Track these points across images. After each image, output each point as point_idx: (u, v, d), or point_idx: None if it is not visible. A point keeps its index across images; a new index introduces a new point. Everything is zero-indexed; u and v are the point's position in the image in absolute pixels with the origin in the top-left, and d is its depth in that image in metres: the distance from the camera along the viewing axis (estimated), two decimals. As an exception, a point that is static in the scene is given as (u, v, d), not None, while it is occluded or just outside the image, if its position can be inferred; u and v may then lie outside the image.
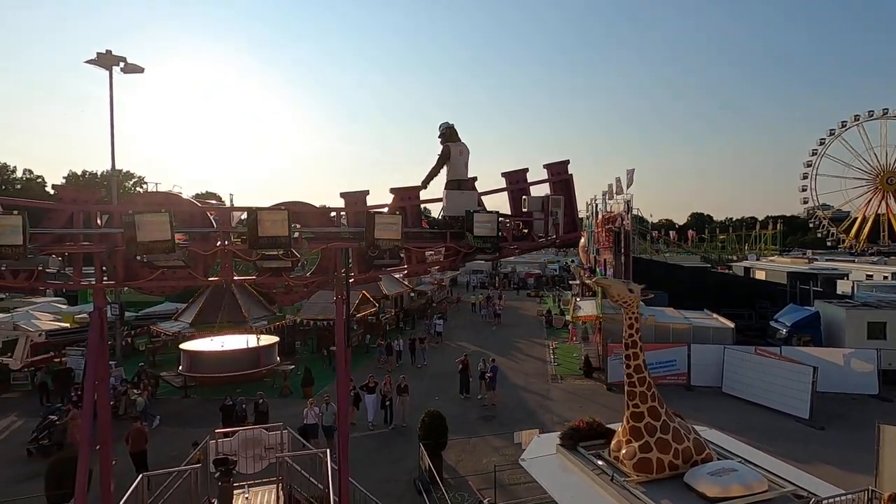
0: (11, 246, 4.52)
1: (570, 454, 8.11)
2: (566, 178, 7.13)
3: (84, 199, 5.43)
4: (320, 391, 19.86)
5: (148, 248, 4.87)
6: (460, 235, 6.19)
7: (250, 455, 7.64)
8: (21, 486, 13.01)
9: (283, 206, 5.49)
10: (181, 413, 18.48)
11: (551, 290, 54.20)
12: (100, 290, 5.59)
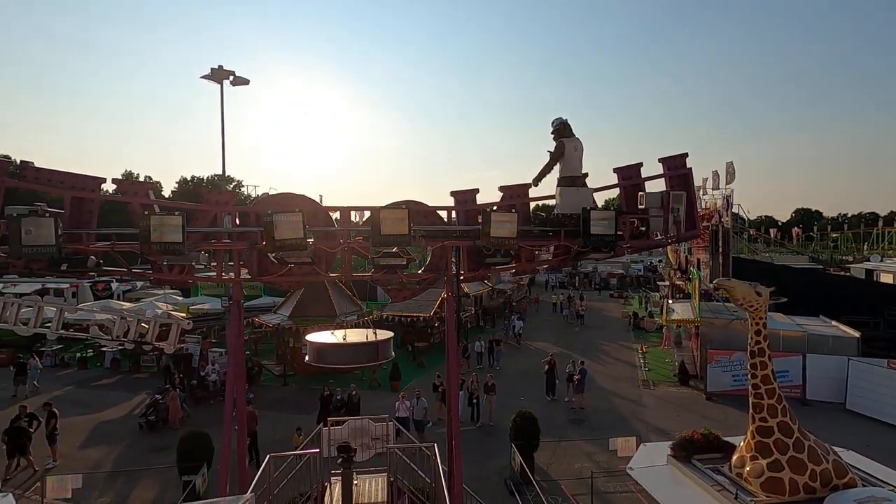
0: (173, 243, 5.04)
1: (683, 466, 7.62)
2: (685, 173, 6.69)
3: (225, 200, 5.95)
4: (406, 386, 20.43)
5: (284, 245, 5.22)
6: (575, 233, 6.01)
7: (359, 444, 7.98)
8: (153, 455, 14.69)
9: (402, 204, 5.65)
10: (282, 399, 19.87)
11: (636, 290, 51.62)
12: (238, 285, 6.10)
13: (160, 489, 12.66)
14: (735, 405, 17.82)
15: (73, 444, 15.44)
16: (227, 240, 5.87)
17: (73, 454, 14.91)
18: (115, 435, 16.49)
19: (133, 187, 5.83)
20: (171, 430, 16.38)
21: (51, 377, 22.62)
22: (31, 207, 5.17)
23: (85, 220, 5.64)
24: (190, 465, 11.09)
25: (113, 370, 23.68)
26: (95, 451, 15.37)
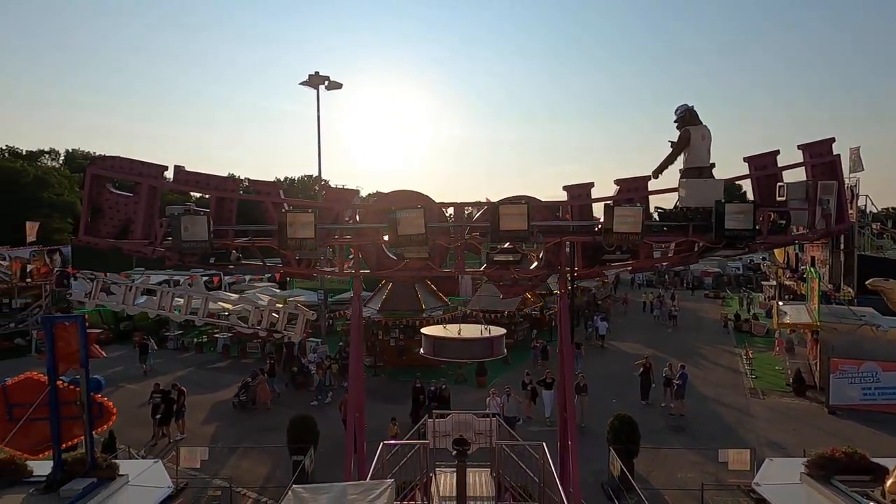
0: (306, 239, 5.37)
1: (822, 487, 6.84)
2: (831, 160, 5.98)
3: (346, 198, 6.24)
4: (492, 382, 20.44)
5: (407, 241, 5.37)
6: (704, 228, 5.59)
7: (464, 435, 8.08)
8: (261, 434, 15.97)
9: (522, 199, 5.58)
10: (373, 389, 20.63)
11: (735, 290, 47.60)
12: (358, 279, 6.39)
13: (272, 466, 13.72)
14: (865, 422, 15.83)
15: (196, 420, 17.21)
16: (349, 236, 6.17)
17: (196, 429, 16.61)
18: (228, 414, 18.16)
19: (266, 187, 6.30)
20: (263, 411, 17.92)
21: (173, 359, 25.40)
22: (186, 207, 5.78)
23: (226, 218, 6.20)
24: (299, 445, 11.88)
25: (223, 355, 26.05)
26: (212, 427, 17.02)
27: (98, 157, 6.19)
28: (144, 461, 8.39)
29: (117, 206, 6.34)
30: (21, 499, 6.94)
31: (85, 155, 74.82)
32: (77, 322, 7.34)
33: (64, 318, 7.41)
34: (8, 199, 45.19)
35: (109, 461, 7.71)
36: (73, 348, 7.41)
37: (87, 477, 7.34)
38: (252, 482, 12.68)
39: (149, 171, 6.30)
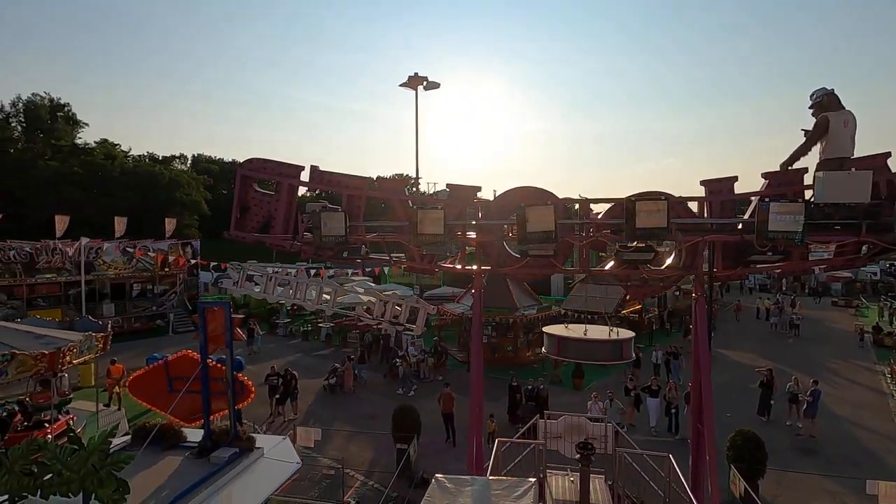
0: (435, 234, 5.50)
1: None
2: None
3: (469, 195, 6.30)
4: (589, 385, 19.73)
5: (535, 238, 5.29)
6: (883, 228, 4.88)
7: (573, 441, 7.86)
8: (364, 420, 16.82)
9: (661, 195, 5.26)
10: (467, 385, 20.88)
11: (871, 298, 41.60)
12: (479, 275, 6.43)
13: (375, 451, 14.39)
14: None
15: (306, 402, 18.54)
16: (470, 233, 6.23)
17: (305, 410, 17.89)
18: (331, 398, 19.35)
19: (392, 185, 6.56)
20: (352, 395, 19.29)
21: (283, 345, 27.60)
22: (323, 204, 6.20)
23: (355, 215, 6.56)
24: (403, 434, 12.32)
25: (326, 344, 27.82)
26: (320, 410, 18.22)
27: (245, 160, 6.81)
28: (273, 437, 9.16)
29: (261, 203, 6.94)
30: (180, 460, 7.91)
31: (207, 159, 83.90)
32: (224, 307, 8.18)
33: (213, 304, 8.31)
34: (149, 198, 51.88)
35: (248, 434, 8.52)
36: (221, 331, 8.28)
37: (231, 447, 8.19)
38: (359, 465, 13.38)
39: (288, 172, 6.82)
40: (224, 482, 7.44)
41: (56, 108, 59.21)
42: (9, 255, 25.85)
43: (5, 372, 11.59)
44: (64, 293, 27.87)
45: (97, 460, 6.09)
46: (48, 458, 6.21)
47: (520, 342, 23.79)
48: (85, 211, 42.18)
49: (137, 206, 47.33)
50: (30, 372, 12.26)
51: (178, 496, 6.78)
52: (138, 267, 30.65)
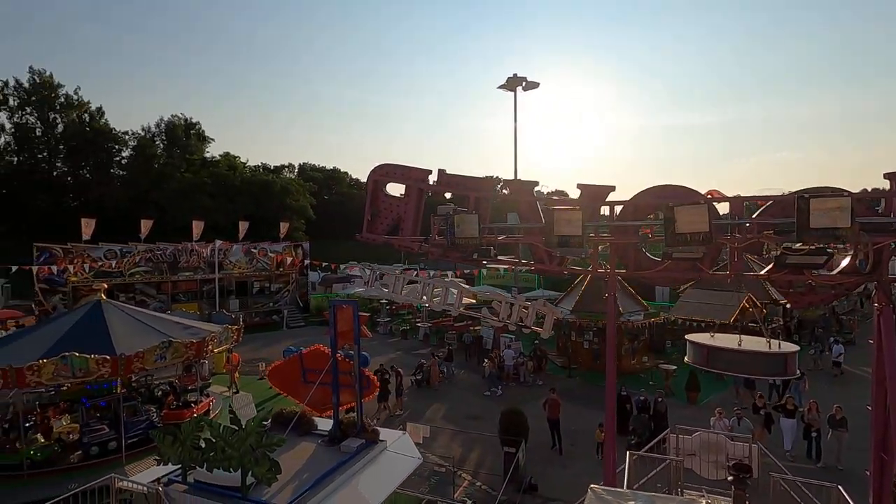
0: (572, 236, 5.34)
1: None
2: None
3: (602, 195, 6.05)
4: (706, 400, 18.22)
5: (686, 239, 4.93)
6: None
7: (709, 460, 7.24)
8: (467, 421, 16.98)
9: (843, 191, 4.65)
10: (568, 391, 20.30)
11: None
12: (613, 278, 6.16)
13: (481, 452, 14.44)
14: None
15: (410, 398, 19.16)
16: (605, 234, 5.99)
17: (409, 406, 18.47)
18: (435, 396, 19.78)
19: (521, 186, 6.50)
20: (433, 390, 20.02)
21: (384, 343, 28.77)
22: (453, 207, 6.32)
23: (482, 217, 6.60)
24: (511, 438, 12.22)
25: (424, 342, 28.55)
26: (423, 407, 18.70)
27: (377, 166, 7.15)
28: (393, 431, 9.54)
29: (390, 207, 7.23)
30: (313, 447, 8.50)
31: (311, 167, 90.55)
32: (352, 306, 8.68)
33: (343, 302, 8.86)
34: (263, 204, 57.06)
35: (374, 427, 8.96)
36: (349, 327, 8.78)
37: (358, 438, 8.64)
38: (465, 465, 13.50)
39: (417, 175, 7.04)
40: (354, 471, 7.86)
41: (189, 127, 67.27)
42: (158, 255, 29.82)
43: (164, 357, 13.32)
44: (199, 289, 31.54)
45: (254, 441, 6.74)
46: (214, 436, 7.00)
47: (624, 349, 22.59)
48: (212, 216, 47.54)
49: (254, 212, 52.34)
50: (181, 358, 13.99)
51: (317, 480, 7.29)
52: (258, 267, 33.79)
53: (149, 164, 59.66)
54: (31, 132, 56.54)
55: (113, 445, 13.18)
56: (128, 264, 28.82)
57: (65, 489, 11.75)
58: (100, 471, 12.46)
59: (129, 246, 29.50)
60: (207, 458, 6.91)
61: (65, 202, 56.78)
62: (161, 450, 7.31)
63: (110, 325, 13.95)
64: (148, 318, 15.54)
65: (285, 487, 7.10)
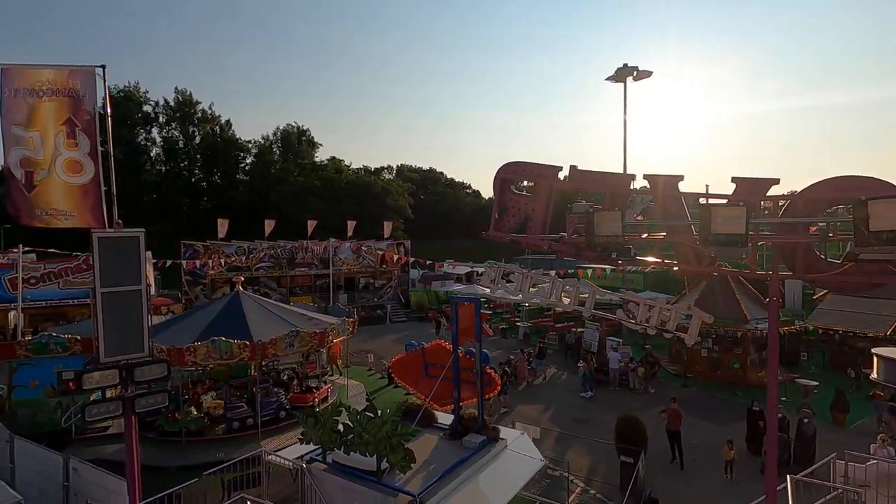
0: (734, 234, 4.88)
1: None
2: None
3: (762, 189, 5.46)
4: (855, 423, 15.90)
5: (881, 238, 4.27)
6: None
7: (889, 495, 6.23)
8: (574, 424, 16.45)
9: None
10: (684, 401, 18.82)
11: None
12: (776, 282, 5.54)
13: (592, 459, 13.90)
14: None
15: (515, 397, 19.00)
16: (768, 232, 5.40)
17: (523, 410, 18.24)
18: (533, 396, 19.47)
19: (662, 181, 6.09)
20: (521, 388, 19.80)
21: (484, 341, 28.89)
22: (590, 204, 6.10)
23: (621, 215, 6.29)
24: (629, 447, 11.60)
25: (524, 342, 28.21)
26: (524, 407, 18.43)
27: (505, 164, 7.11)
28: (511, 430, 9.53)
29: (518, 204, 7.15)
30: (436, 439, 8.73)
31: (409, 168, 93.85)
32: (474, 303, 8.77)
33: (464, 300, 9.00)
34: (366, 204, 60.23)
35: (494, 424, 9.00)
36: (470, 324, 8.89)
37: (479, 434, 8.71)
38: (576, 470, 13.08)
39: (546, 172, 6.90)
40: (477, 467, 7.93)
41: (301, 134, 73.03)
42: (278, 252, 32.76)
43: (292, 344, 14.54)
44: (312, 284, 34.11)
45: (390, 429, 7.08)
46: (351, 421, 7.47)
47: (750, 360, 20.46)
48: (322, 216, 51.21)
49: (357, 212, 55.45)
50: (307, 347, 15.17)
51: (444, 472, 7.47)
52: (364, 263, 35.71)
53: (267, 169, 65.79)
54: (175, 144, 65.06)
55: (250, 422, 14.66)
56: (254, 260, 31.99)
57: (213, 456, 13.31)
58: (240, 443, 13.98)
59: (255, 243, 32.71)
60: (345, 442, 7.40)
61: (201, 204, 64.53)
62: (304, 430, 7.97)
63: (247, 314, 15.52)
64: (277, 308, 17.07)
65: (414, 476, 7.37)
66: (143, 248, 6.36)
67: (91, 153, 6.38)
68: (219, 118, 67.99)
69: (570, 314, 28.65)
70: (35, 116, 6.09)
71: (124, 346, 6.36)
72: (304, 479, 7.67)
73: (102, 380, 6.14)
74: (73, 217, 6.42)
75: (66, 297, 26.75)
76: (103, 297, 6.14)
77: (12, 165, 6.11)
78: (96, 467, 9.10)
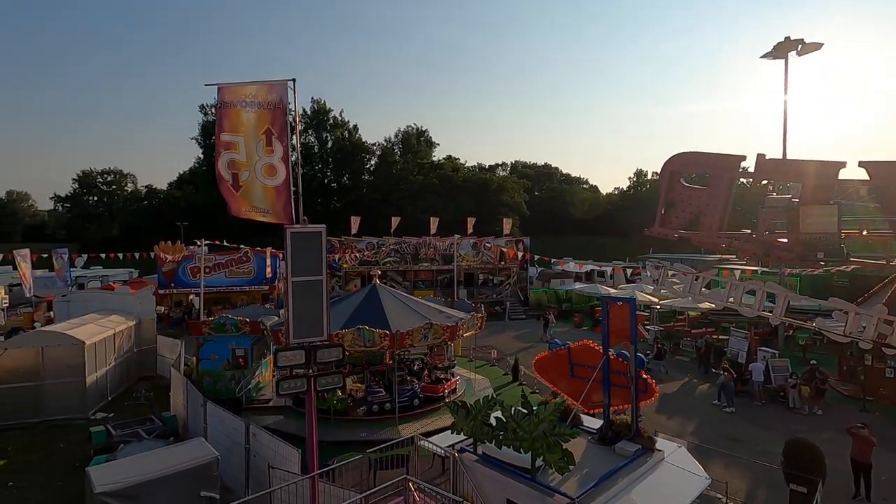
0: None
1: None
2: None
3: None
4: None
5: None
6: None
7: None
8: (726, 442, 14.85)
9: None
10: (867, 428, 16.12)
11: None
12: None
13: (752, 483, 12.47)
14: None
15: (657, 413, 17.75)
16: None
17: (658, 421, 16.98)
18: (673, 407, 17.97)
19: (888, 169, 5.15)
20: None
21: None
22: (789, 197, 5.38)
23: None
24: (804, 476, 10.16)
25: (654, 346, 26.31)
26: (661, 417, 17.12)
27: (674, 155, 6.57)
28: (667, 441, 8.89)
29: (689, 199, 6.58)
30: (584, 442, 8.44)
31: (523, 164, 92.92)
32: (629, 304, 8.30)
33: (617, 299, 8.58)
34: (482, 201, 60.88)
35: (650, 433, 8.47)
36: (623, 325, 8.43)
37: (632, 442, 8.24)
38: (734, 494, 11.80)
39: (726, 163, 6.25)
40: (634, 477, 7.50)
41: (420, 134, 76.18)
42: (403, 247, 34.53)
43: (427, 336, 15.17)
44: (434, 278, 35.38)
45: (547, 428, 6.99)
46: (505, 416, 7.52)
47: (956, 385, 16.78)
48: (439, 213, 52.93)
49: (473, 209, 56.28)
50: (440, 339, 15.74)
51: (601, 478, 7.17)
52: (483, 260, 36.15)
53: (389, 170, 69.75)
54: (311, 149, 71.94)
55: (387, 406, 15.61)
56: (381, 254, 34.09)
57: (357, 435, 14.41)
58: (380, 425, 14.99)
59: (382, 239, 34.83)
60: (496, 436, 7.48)
61: (332, 204, 70.60)
62: (455, 420, 8.20)
63: (384, 305, 16.54)
64: (409, 300, 17.95)
65: (568, 479, 7.18)
66: (324, 243, 7.04)
67: (283, 158, 7.19)
68: (347, 123, 73.66)
69: (705, 318, 26.06)
70: (241, 125, 7.04)
71: (308, 330, 7.09)
72: (456, 467, 7.90)
73: (293, 358, 6.91)
74: (269, 214, 7.30)
75: (232, 285, 31.00)
76: (293, 286, 6.91)
77: (222, 168, 7.13)
78: (272, 434, 10.33)
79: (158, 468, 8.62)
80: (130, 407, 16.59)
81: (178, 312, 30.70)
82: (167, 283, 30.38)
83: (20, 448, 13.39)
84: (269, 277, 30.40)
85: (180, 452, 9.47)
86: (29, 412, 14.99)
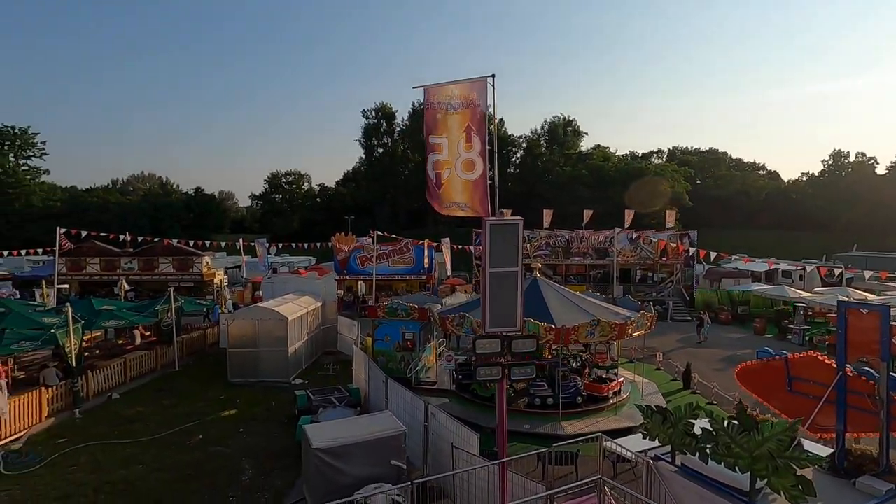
0: None
1: None
2: None
3: None
4: None
5: None
6: None
7: None
8: None
9: None
10: None
11: None
12: None
13: None
14: None
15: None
16: None
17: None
18: None
19: None
20: None
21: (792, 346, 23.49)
22: None
23: None
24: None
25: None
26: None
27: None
28: None
29: None
30: (809, 470, 7.25)
31: (683, 150, 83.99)
32: (880, 312, 6.88)
33: (860, 305, 7.19)
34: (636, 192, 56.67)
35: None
36: (867, 337, 7.02)
37: (881, 479, 6.85)
38: None
39: None
40: (889, 521, 6.23)
41: (567, 124, 73.75)
42: (555, 241, 33.84)
43: (593, 333, 14.59)
44: (587, 273, 34.05)
45: (775, 448, 6.16)
46: (715, 428, 6.81)
47: None
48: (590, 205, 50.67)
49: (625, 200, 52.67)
50: (606, 337, 15.01)
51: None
52: (641, 255, 33.66)
53: (535, 162, 68.87)
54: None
55: (549, 402, 15.43)
56: (532, 248, 33.86)
57: (520, 426, 14.49)
58: (542, 419, 14.89)
59: (534, 232, 34.55)
60: (701, 449, 6.80)
61: (478, 197, 72.23)
62: (649, 426, 7.69)
63: (546, 299, 16.31)
64: (572, 295, 17.45)
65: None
66: (520, 234, 7.11)
67: (481, 152, 7.40)
68: (493, 117, 74.54)
69: None
70: (444, 125, 7.43)
71: (502, 320, 7.25)
72: (650, 475, 7.43)
73: (489, 346, 7.14)
74: (468, 208, 7.61)
75: (393, 273, 33.68)
76: (490, 277, 7.11)
77: (429, 168, 7.62)
78: (452, 416, 10.89)
79: (361, 433, 9.70)
80: (321, 377, 19.06)
81: (350, 297, 34.45)
82: (341, 270, 34.22)
83: (245, 402, 16.29)
84: (426, 267, 32.33)
85: (375, 422, 10.52)
86: (250, 373, 18.18)
